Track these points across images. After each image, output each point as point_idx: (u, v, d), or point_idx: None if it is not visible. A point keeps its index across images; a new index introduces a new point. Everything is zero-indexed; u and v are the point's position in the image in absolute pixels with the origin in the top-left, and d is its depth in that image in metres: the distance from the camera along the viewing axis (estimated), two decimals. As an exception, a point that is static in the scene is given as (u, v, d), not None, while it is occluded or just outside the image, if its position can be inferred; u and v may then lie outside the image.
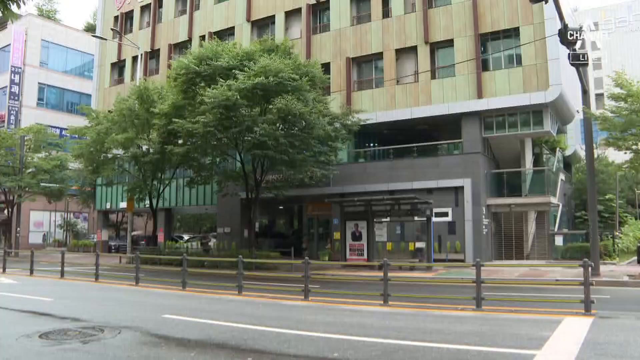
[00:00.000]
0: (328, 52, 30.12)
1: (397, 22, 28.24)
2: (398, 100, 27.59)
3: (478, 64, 25.76)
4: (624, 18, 79.16)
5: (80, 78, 52.50)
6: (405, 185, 26.22)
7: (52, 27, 52.81)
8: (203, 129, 21.54)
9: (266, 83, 21.11)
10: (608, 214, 37.60)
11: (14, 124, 46.08)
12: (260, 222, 35.14)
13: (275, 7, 32.64)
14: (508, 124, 25.88)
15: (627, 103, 19.44)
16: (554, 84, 24.04)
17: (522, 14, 25.12)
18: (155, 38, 38.44)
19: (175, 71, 23.90)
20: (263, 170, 24.95)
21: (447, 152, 27.75)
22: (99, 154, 28.67)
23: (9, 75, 47.40)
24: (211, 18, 35.46)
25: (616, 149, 21.27)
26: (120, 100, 27.91)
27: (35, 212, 46.25)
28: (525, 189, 27.54)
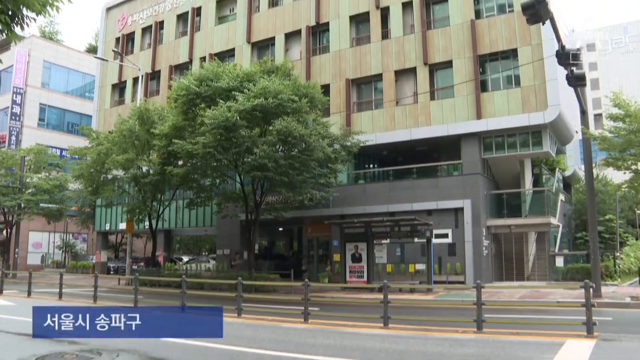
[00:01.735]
0: (328, 74, 30.29)
1: (397, 44, 28.45)
2: (397, 121, 27.68)
3: (477, 84, 25.89)
4: (619, 39, 79.96)
5: (81, 99, 52.75)
6: (405, 206, 26.17)
7: (54, 48, 53.21)
8: (203, 149, 21.56)
9: (266, 104, 21.18)
10: (608, 234, 37.47)
11: (14, 144, 46.17)
12: (259, 244, 35.07)
13: (275, 29, 32.93)
14: (507, 145, 25.92)
15: (626, 123, 19.52)
16: (552, 105, 24.14)
17: (520, 35, 25.31)
18: (156, 59, 38.70)
19: (176, 92, 23.99)
20: (263, 192, 24.92)
21: (446, 173, 27.76)
22: (99, 174, 28.68)
23: (10, 95, 47.62)
24: (211, 39, 35.74)
25: (615, 168, 21.31)
26: (121, 121, 28.00)
27: (34, 233, 46.14)
28: (525, 210, 27.50)
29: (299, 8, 32.24)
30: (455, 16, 27.12)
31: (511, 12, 25.85)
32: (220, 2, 36.33)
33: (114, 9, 43.27)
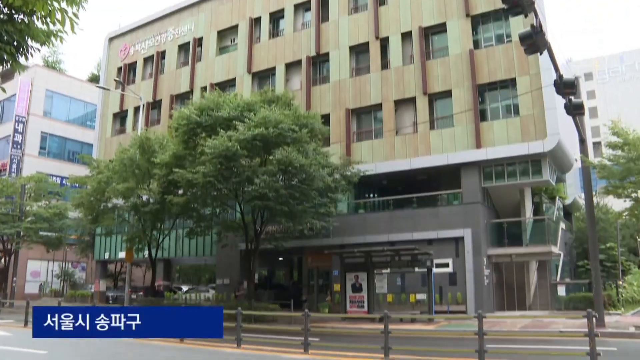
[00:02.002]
0: (328, 103, 30.52)
1: (396, 74, 28.72)
2: (397, 150, 27.79)
3: (476, 114, 26.05)
4: (616, 68, 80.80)
5: (82, 127, 53.03)
6: (405, 236, 26.11)
7: (57, 77, 53.72)
8: (203, 179, 21.61)
9: (266, 134, 21.29)
10: (610, 262, 37.29)
11: (15, 172, 46.26)
12: (259, 274, 34.89)
13: (275, 59, 33.28)
14: (507, 174, 25.97)
15: (625, 151, 19.63)
16: (551, 133, 24.24)
17: (518, 65, 25.55)
18: (157, 89, 39.03)
19: (177, 121, 24.14)
20: (263, 221, 24.90)
21: (446, 203, 27.76)
22: (99, 203, 28.68)
23: (13, 124, 47.89)
24: (213, 69, 36.10)
25: (615, 196, 21.33)
26: (122, 150, 28.11)
27: (32, 262, 45.92)
28: (526, 239, 27.42)
29: (299, 39, 32.65)
30: (453, 46, 27.43)
31: (509, 42, 26.13)
32: (221, 33, 36.82)
33: (116, 39, 43.82)
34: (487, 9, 26.89)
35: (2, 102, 50.87)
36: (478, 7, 27.16)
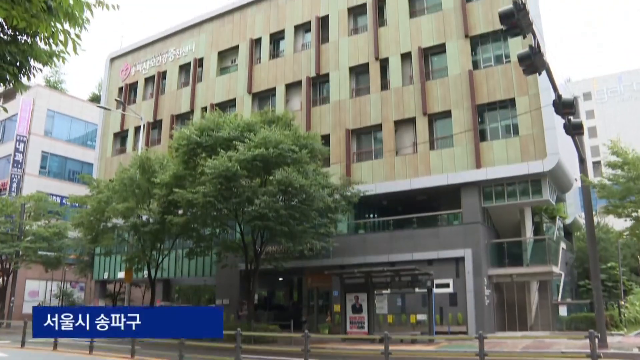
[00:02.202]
0: (328, 124, 30.63)
1: (396, 94, 28.86)
2: (397, 171, 27.82)
3: (476, 134, 26.12)
4: (615, 88, 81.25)
5: (83, 147, 53.14)
6: (405, 256, 26.03)
7: (58, 97, 53.96)
8: (203, 199, 21.62)
9: (266, 154, 21.35)
10: (612, 282, 37.11)
11: (15, 191, 46.26)
12: (259, 294, 34.71)
13: (276, 80, 33.49)
14: (507, 194, 25.96)
15: (624, 171, 19.64)
16: (551, 153, 24.28)
17: (517, 85, 25.68)
18: (158, 109, 39.20)
19: (177, 142, 24.22)
20: (263, 242, 24.84)
21: (447, 223, 27.71)
22: (99, 223, 28.63)
23: (14, 143, 48.01)
24: (213, 90, 36.31)
25: (616, 216, 21.30)
26: (122, 169, 28.15)
27: (31, 281, 45.67)
28: (527, 259, 27.33)
29: (299, 59, 32.89)
30: (453, 67, 27.60)
31: (508, 63, 26.30)
32: (222, 54, 37.11)
33: (118, 59, 44.13)
34: (486, 29, 27.11)
35: (3, 122, 51.06)
36: (477, 28, 27.39)
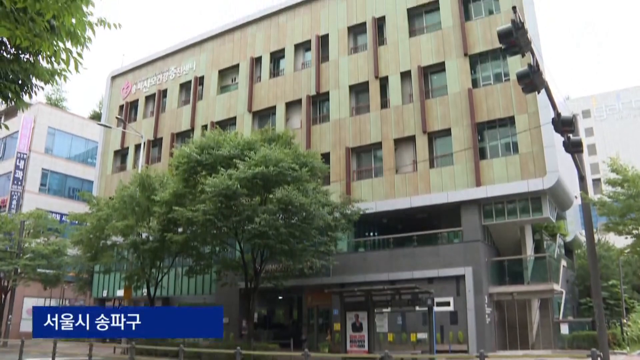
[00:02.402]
0: (328, 142, 30.70)
1: (396, 113, 28.96)
2: (397, 189, 27.83)
3: (475, 152, 26.17)
4: (613, 106, 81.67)
5: (83, 164, 53.24)
6: (405, 274, 25.94)
7: (59, 114, 54.17)
8: (203, 217, 21.60)
9: (266, 173, 21.37)
10: (613, 300, 36.91)
11: (15, 209, 46.22)
12: (258, 313, 34.49)
13: (276, 98, 33.64)
14: (507, 211, 25.94)
15: (624, 188, 19.64)
16: (551, 171, 24.30)
17: (517, 103, 25.78)
18: (158, 127, 39.32)
19: (177, 160, 24.26)
20: (262, 260, 24.78)
21: (447, 241, 27.65)
22: (98, 240, 28.57)
23: (14, 161, 48.09)
24: (213, 108, 36.45)
25: (616, 233, 21.24)
26: (122, 187, 28.16)
27: (29, 299, 45.36)
28: (527, 276, 27.23)
29: (299, 78, 33.06)
30: (452, 85, 27.73)
31: (507, 81, 26.43)
32: (222, 72, 37.33)
33: (119, 77, 44.39)
34: (485, 48, 27.29)
35: (4, 139, 51.21)
36: (476, 46, 27.57)
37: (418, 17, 30.45)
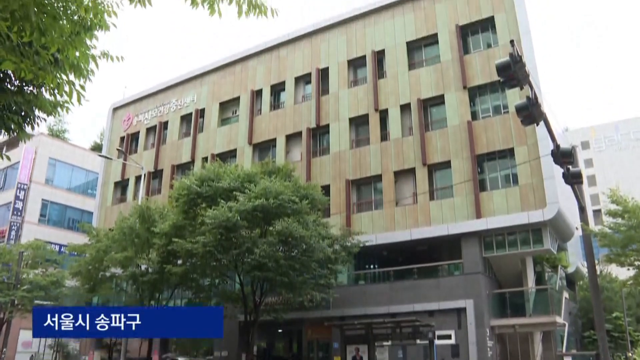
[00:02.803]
0: (328, 174, 30.75)
1: (395, 145, 29.08)
2: (397, 221, 27.78)
3: (475, 184, 26.19)
4: (612, 137, 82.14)
5: (83, 195, 53.24)
6: (406, 307, 25.72)
7: (60, 145, 54.39)
8: (203, 249, 21.52)
9: (267, 205, 21.36)
10: (617, 333, 36.51)
11: (14, 239, 46.05)
12: (258, 346, 34.07)
13: (276, 131, 33.83)
14: (508, 243, 25.84)
15: (625, 219, 19.60)
16: (551, 202, 24.27)
17: (516, 135, 25.90)
18: (159, 158, 39.45)
19: (177, 192, 24.27)
20: (262, 293, 24.60)
21: (447, 273, 27.47)
22: (97, 272, 28.39)
23: (14, 191, 48.10)
24: (214, 140, 36.63)
25: (618, 265, 21.12)
26: (122, 218, 28.11)
27: (25, 331, 44.77)
28: (529, 309, 26.98)
29: (299, 111, 33.31)
30: (452, 118, 27.91)
31: (506, 113, 26.61)
32: (223, 105, 37.62)
33: (120, 109, 44.72)
34: (483, 81, 27.56)
35: (5, 170, 51.30)
36: (475, 79, 27.85)
37: (417, 51, 30.83)
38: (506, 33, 27.10)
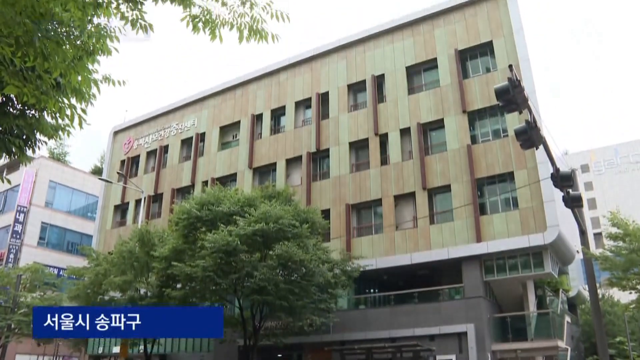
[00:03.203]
0: (328, 199, 30.75)
1: (395, 169, 29.13)
2: (398, 245, 27.70)
3: (475, 208, 26.17)
4: (612, 160, 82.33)
5: (82, 219, 53.23)
6: (406, 331, 25.49)
7: (61, 169, 54.57)
8: (202, 273, 21.42)
9: (266, 229, 21.32)
10: (621, 358, 36.16)
11: (12, 262, 45.88)
12: (257, 370, 33.76)
13: (276, 155, 33.92)
14: (508, 267, 25.73)
15: (626, 242, 19.57)
16: (551, 226, 24.22)
17: (516, 159, 25.96)
18: (159, 182, 39.49)
19: (177, 215, 24.25)
20: (262, 317, 24.43)
21: (448, 297, 27.31)
22: (96, 295, 28.19)
23: (14, 214, 48.08)
24: (214, 164, 36.71)
25: (620, 289, 21.00)
26: (121, 242, 28.02)
27: (21, 356, 44.40)
28: (531, 333, 26.74)
29: (299, 135, 33.43)
30: (452, 142, 28.00)
31: (506, 137, 26.71)
32: (223, 129, 37.80)
33: (121, 132, 44.91)
34: (483, 105, 27.71)
35: (5, 192, 51.36)
36: (474, 103, 28.00)
37: (417, 75, 31.07)
38: (505, 57, 27.35)
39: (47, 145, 45.75)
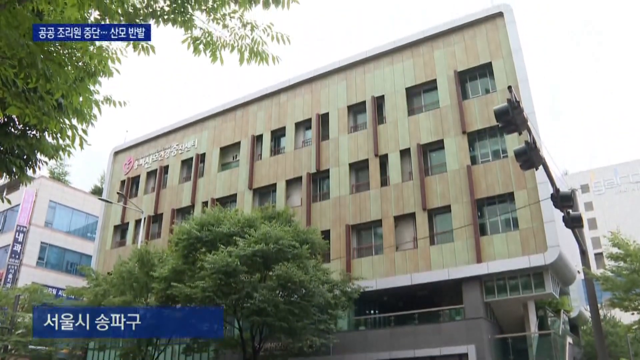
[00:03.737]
0: (328, 219, 30.71)
1: (395, 190, 29.13)
2: (398, 266, 27.60)
3: (475, 228, 26.12)
4: (611, 180, 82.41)
5: (82, 239, 53.04)
6: (407, 353, 25.30)
7: (61, 189, 54.49)
8: (202, 294, 21.28)
9: (266, 250, 21.28)
10: (624, 379, 35.85)
11: (10, 282, 45.63)
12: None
13: (276, 176, 33.96)
14: (509, 288, 25.61)
15: (627, 263, 19.50)
16: (552, 246, 24.15)
17: (516, 179, 25.99)
18: (159, 203, 39.47)
19: (177, 236, 24.20)
20: (261, 338, 24.25)
21: (449, 318, 27.12)
22: (94, 317, 27.99)
23: (13, 234, 47.95)
24: (214, 185, 36.73)
25: (622, 309, 20.86)
26: (121, 262, 27.92)
27: (17, 379, 44.00)
28: (532, 354, 26.49)
29: (299, 156, 33.49)
30: (451, 163, 28.05)
31: (505, 158, 26.76)
32: (223, 150, 37.88)
33: (121, 153, 45.00)
34: (482, 126, 27.81)
35: (5, 212, 51.26)
36: (474, 124, 28.10)
37: (416, 96, 31.24)
38: (504, 79, 27.52)
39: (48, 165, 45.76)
